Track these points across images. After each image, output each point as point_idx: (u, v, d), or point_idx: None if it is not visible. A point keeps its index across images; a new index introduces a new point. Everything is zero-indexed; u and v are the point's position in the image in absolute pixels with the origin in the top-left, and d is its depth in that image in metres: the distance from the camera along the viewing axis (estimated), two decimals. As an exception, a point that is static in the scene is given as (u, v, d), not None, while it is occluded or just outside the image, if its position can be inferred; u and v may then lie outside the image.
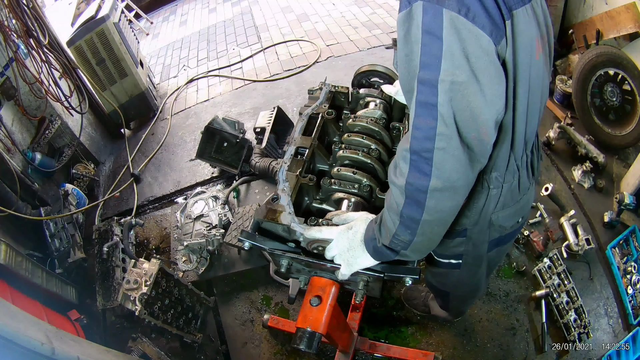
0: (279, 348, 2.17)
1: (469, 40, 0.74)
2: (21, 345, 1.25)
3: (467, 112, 0.77)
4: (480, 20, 0.74)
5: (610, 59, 2.48)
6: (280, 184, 1.32)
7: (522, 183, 1.06)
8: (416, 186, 0.84)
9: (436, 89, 0.75)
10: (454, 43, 0.73)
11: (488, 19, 0.75)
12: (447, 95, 0.75)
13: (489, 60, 0.76)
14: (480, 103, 0.77)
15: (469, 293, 1.63)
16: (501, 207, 1.07)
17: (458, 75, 0.74)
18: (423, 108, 0.78)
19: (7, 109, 2.62)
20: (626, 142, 2.55)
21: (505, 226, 1.14)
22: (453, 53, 0.74)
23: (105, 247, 2.58)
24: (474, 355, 2.01)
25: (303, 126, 1.55)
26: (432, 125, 0.78)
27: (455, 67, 0.74)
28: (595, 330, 2.01)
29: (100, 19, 3.28)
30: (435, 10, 0.73)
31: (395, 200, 0.89)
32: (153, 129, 3.86)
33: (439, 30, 0.73)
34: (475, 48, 0.74)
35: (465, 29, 0.73)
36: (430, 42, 0.75)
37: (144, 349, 2.06)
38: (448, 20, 0.73)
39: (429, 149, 0.80)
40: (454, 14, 0.72)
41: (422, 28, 0.75)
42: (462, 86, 0.75)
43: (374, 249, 1.02)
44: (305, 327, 1.16)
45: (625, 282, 2.11)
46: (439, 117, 0.77)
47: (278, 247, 1.23)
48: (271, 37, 4.67)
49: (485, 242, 1.18)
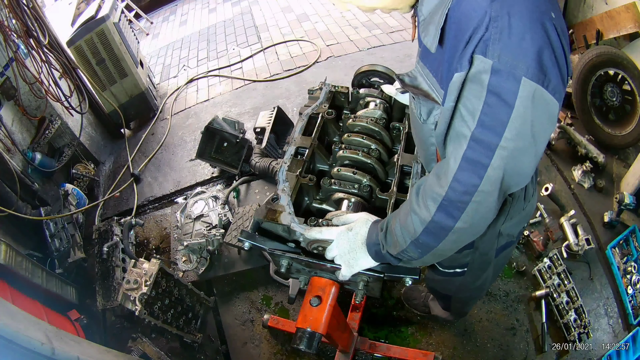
0: (279, 348, 2.17)
1: (540, 109, 0.69)
2: (21, 345, 1.25)
3: (515, 173, 0.76)
4: (553, 86, 0.69)
5: (610, 59, 2.48)
6: (280, 184, 1.32)
7: (527, 192, 1.06)
8: (441, 225, 0.83)
9: (492, 152, 0.72)
10: (526, 114, 0.69)
11: (561, 83, 0.70)
12: (502, 161, 0.73)
13: (550, 123, 0.73)
14: (531, 163, 0.76)
15: (472, 295, 1.63)
16: (510, 218, 1.07)
17: (519, 144, 0.71)
18: (471, 165, 0.75)
19: (7, 109, 2.62)
20: (626, 142, 2.55)
21: (512, 234, 1.14)
22: (521, 123, 0.69)
23: (105, 247, 2.58)
24: (474, 355, 2.01)
25: (303, 126, 1.55)
26: (475, 183, 0.75)
27: (519, 136, 0.70)
28: (595, 330, 2.01)
29: (100, 19, 3.28)
30: (512, 76, 0.67)
31: (413, 227, 0.87)
32: (153, 129, 3.86)
33: (512, 98, 0.68)
34: (543, 115, 0.71)
35: (541, 98, 0.68)
36: (496, 105, 0.69)
37: (144, 349, 2.06)
38: (526, 90, 0.67)
39: (464, 202, 0.78)
40: (534, 84, 0.67)
41: (489, 88, 0.69)
42: (519, 152, 0.72)
43: (376, 253, 1.02)
44: (305, 327, 1.16)
45: (625, 282, 2.11)
46: (485, 177, 0.74)
47: (278, 247, 1.23)
48: (271, 37, 4.67)
49: (493, 250, 1.17)
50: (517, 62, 0.67)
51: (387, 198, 1.31)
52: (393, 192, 1.32)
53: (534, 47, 0.66)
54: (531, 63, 0.67)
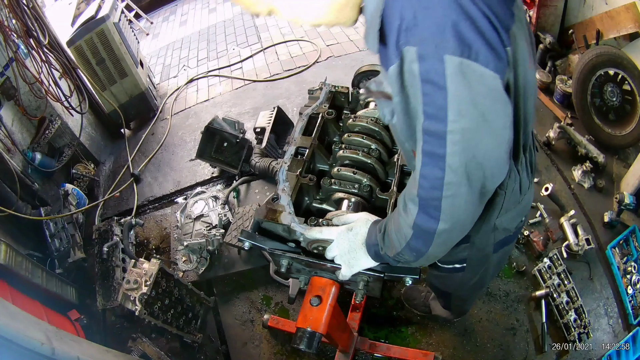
0: (279, 348, 2.17)
1: (475, 83, 0.68)
2: (21, 345, 1.25)
3: (477, 158, 0.74)
4: (483, 57, 0.67)
5: (610, 59, 2.48)
6: (280, 184, 1.32)
7: (522, 184, 1.05)
8: (424, 228, 0.83)
9: (444, 140, 0.71)
10: (459, 90, 0.68)
11: (491, 52, 0.67)
12: (456, 146, 0.72)
13: (495, 98, 0.71)
14: (490, 144, 0.74)
15: (472, 292, 1.63)
16: (504, 211, 1.06)
17: (466, 123, 0.70)
18: (429, 158, 0.75)
19: (7, 109, 2.62)
20: (626, 142, 2.55)
21: (509, 228, 1.13)
22: (459, 101, 0.69)
23: (105, 247, 2.58)
24: (474, 355, 2.01)
25: (303, 126, 1.55)
26: (439, 176, 0.75)
27: (462, 115, 0.69)
28: (595, 330, 2.01)
29: (100, 19, 3.28)
30: (435, 57, 0.67)
31: (403, 232, 0.88)
32: (153, 129, 3.86)
33: (442, 79, 0.67)
34: (481, 89, 0.69)
35: (470, 71, 0.67)
36: (432, 92, 0.69)
37: (144, 349, 2.06)
38: (451, 66, 0.66)
39: (436, 198, 0.77)
40: (457, 58, 0.66)
41: (421, 77, 0.69)
42: (470, 133, 0.71)
43: (375, 253, 1.02)
44: (305, 327, 1.16)
45: (625, 282, 2.11)
46: (446, 167, 0.73)
47: (278, 247, 1.23)
48: (271, 37, 4.67)
49: (490, 245, 1.17)
50: (437, 41, 0.66)
51: (387, 198, 1.31)
52: (393, 192, 1.32)
53: (448, 22, 0.66)
54: (450, 38, 0.66)
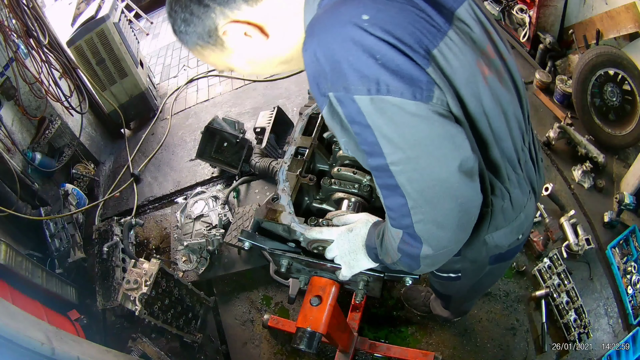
0: (279, 348, 2.17)
1: (395, 115, 0.67)
2: (21, 345, 1.25)
3: (429, 182, 0.73)
4: (394, 87, 0.66)
5: (610, 59, 2.48)
6: (280, 184, 1.32)
7: (515, 202, 0.99)
8: (408, 252, 0.84)
9: (389, 172, 0.72)
10: (381, 126, 0.68)
11: (401, 81, 0.66)
12: (403, 175, 0.72)
13: (424, 123, 0.69)
14: (438, 167, 0.72)
15: (470, 296, 1.63)
16: (494, 228, 1.02)
17: (403, 154, 0.70)
18: (387, 190, 0.77)
19: (7, 109, 2.62)
20: (626, 142, 2.55)
21: (502, 245, 1.08)
22: (385, 135, 0.69)
23: (105, 247, 2.58)
24: (474, 355, 2.01)
25: (303, 126, 1.55)
26: (402, 203, 0.75)
27: (396, 147, 0.70)
28: (595, 330, 2.01)
29: (100, 19, 3.28)
30: (348, 99, 0.68)
31: (394, 250, 0.88)
32: (153, 129, 3.86)
33: (362, 118, 0.68)
34: (404, 119, 0.68)
35: (386, 105, 0.66)
36: (361, 131, 0.71)
37: (144, 349, 2.06)
38: (364, 105, 0.67)
39: (409, 225, 0.78)
40: (365, 97, 0.66)
41: (347, 120, 0.71)
42: (411, 162, 0.71)
43: (375, 256, 1.02)
44: (305, 327, 1.16)
45: (625, 282, 2.11)
46: (405, 194, 0.74)
47: (278, 247, 1.23)
48: (271, 37, 4.66)
49: (484, 259, 1.13)
50: (343, 84, 0.67)
51: (387, 198, 1.31)
52: (393, 192, 1.32)
53: (345, 62, 0.66)
54: (351, 78, 0.66)
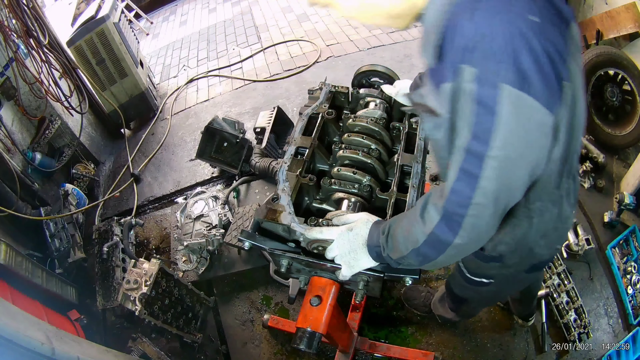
0: (279, 348, 2.17)
1: (525, 115, 0.69)
2: (21, 345, 1.25)
3: (507, 185, 0.76)
4: (538, 91, 0.68)
5: (610, 59, 2.49)
6: (280, 184, 1.32)
7: (563, 212, 1.02)
8: (440, 239, 0.84)
9: (482, 162, 0.73)
10: (509, 120, 0.69)
11: (546, 88, 0.69)
12: (492, 172, 0.73)
13: (541, 132, 0.73)
14: (523, 174, 0.76)
15: (489, 302, 1.63)
16: (541, 236, 1.04)
17: (507, 152, 0.72)
18: (465, 176, 0.76)
19: (7, 109, 2.62)
20: (626, 142, 2.55)
21: (544, 254, 1.11)
22: (505, 130, 0.70)
23: (105, 247, 2.58)
24: (474, 355, 2.01)
25: (303, 126, 1.55)
26: (469, 195, 0.76)
27: (506, 144, 0.71)
28: (595, 330, 2.01)
29: (100, 19, 3.28)
30: (492, 83, 0.68)
31: (416, 236, 0.88)
32: (153, 129, 3.85)
33: (494, 105, 0.69)
34: (529, 122, 0.70)
35: (523, 103, 0.68)
36: (482, 114, 0.70)
37: (144, 349, 2.06)
38: (506, 95, 0.68)
39: (460, 214, 0.79)
40: (512, 88, 0.67)
41: (474, 97, 0.71)
42: (508, 162, 0.73)
43: (377, 254, 1.02)
44: (305, 327, 1.16)
45: (625, 282, 2.11)
46: (478, 189, 0.75)
47: (278, 247, 1.23)
48: (271, 37, 4.67)
49: (524, 266, 1.15)
50: (496, 68, 0.68)
51: (387, 198, 1.31)
52: (393, 192, 1.32)
53: (510, 51, 0.67)
54: (509, 67, 0.67)
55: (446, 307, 1.86)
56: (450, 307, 1.84)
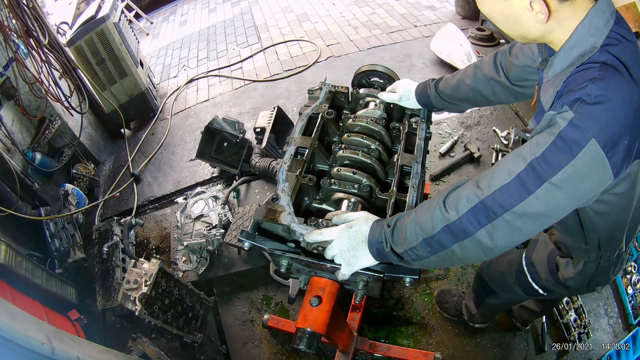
0: (279, 348, 2.17)
1: (596, 172, 0.77)
2: (21, 345, 1.25)
3: (550, 210, 0.82)
4: (616, 160, 0.76)
5: (610, 59, 2.48)
6: (280, 184, 1.32)
7: (620, 264, 1.19)
8: (464, 228, 0.87)
9: (541, 183, 0.79)
10: (582, 167, 0.76)
11: (622, 160, 0.77)
12: (546, 194, 0.79)
13: (594, 188, 0.81)
14: (565, 209, 0.83)
15: (513, 304, 1.75)
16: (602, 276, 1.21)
17: (565, 187, 0.78)
18: (520, 185, 0.81)
19: (7, 109, 2.62)
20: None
21: (609, 279, 1.25)
22: (574, 173, 0.77)
23: (105, 247, 2.58)
24: (474, 355, 2.01)
25: (303, 126, 1.55)
26: (514, 203, 0.81)
27: (568, 181, 0.78)
28: (595, 330, 2.01)
29: (100, 19, 3.28)
30: (583, 133, 0.75)
31: (433, 223, 0.91)
32: (153, 129, 3.86)
33: (576, 149, 0.75)
34: (595, 178, 0.79)
35: (600, 163, 0.76)
36: (561, 149, 0.77)
37: (144, 349, 2.06)
38: (590, 149, 0.75)
39: (496, 213, 0.83)
40: (599, 148, 0.74)
41: (561, 133, 0.77)
42: (562, 194, 0.79)
43: (378, 251, 1.01)
44: (305, 327, 1.16)
45: (625, 282, 2.11)
46: (525, 202, 0.80)
47: (278, 247, 1.23)
48: (271, 37, 4.67)
49: (589, 285, 1.29)
50: (598, 130, 0.75)
51: (387, 198, 1.31)
52: (393, 192, 1.32)
53: (621, 124, 0.76)
54: (607, 134, 0.75)
55: (472, 302, 1.89)
56: (474, 300, 1.86)
